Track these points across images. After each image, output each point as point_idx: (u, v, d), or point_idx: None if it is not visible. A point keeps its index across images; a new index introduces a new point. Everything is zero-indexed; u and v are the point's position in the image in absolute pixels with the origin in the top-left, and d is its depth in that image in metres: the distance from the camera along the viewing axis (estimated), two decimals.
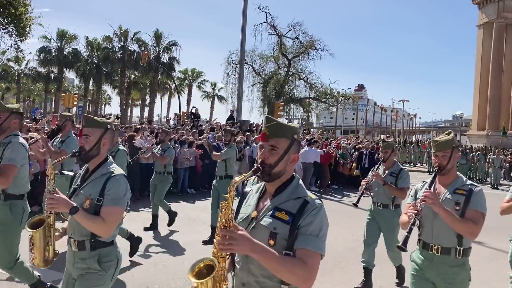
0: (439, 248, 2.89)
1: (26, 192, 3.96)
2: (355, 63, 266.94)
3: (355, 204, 5.11)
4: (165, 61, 42.61)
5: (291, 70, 36.54)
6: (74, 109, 30.91)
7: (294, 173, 1.97)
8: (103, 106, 67.74)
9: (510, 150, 25.55)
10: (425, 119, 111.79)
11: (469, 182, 2.97)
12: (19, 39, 19.80)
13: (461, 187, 2.93)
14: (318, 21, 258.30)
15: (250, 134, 15.46)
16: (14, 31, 19.22)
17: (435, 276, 2.91)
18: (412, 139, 46.30)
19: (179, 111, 30.02)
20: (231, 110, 24.80)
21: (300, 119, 45.13)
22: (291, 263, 1.71)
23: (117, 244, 2.75)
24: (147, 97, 49.13)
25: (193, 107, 24.04)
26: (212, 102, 54.19)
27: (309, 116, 41.97)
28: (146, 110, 49.16)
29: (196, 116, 21.53)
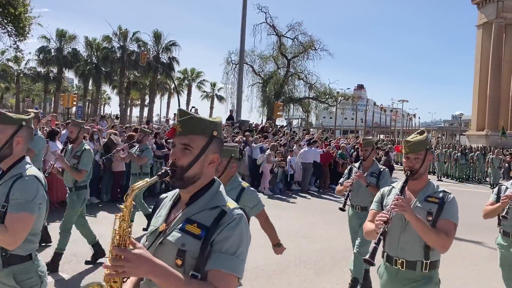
0: (403, 262, 2.59)
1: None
2: (354, 63, 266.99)
3: (342, 209, 4.84)
4: (165, 61, 42.60)
5: (291, 70, 36.56)
6: (74, 109, 30.92)
7: (215, 178, 1.67)
8: (102, 106, 67.74)
9: (509, 150, 25.56)
10: (425, 119, 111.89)
11: (441, 189, 2.68)
12: (18, 39, 19.78)
13: (433, 195, 2.63)
14: (317, 21, 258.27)
15: (249, 134, 15.47)
16: (14, 31, 19.21)
17: None
18: None
19: None
20: (230, 110, 24.81)
21: (299, 119, 45.16)
22: None
23: (39, 259, 2.38)
24: (147, 97, 49.13)
25: (193, 107, 24.16)
26: (212, 102, 54.22)
27: (308, 116, 41.99)
28: (146, 110, 49.14)
29: None
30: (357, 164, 5.12)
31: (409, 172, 2.64)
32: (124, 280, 1.58)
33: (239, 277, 1.48)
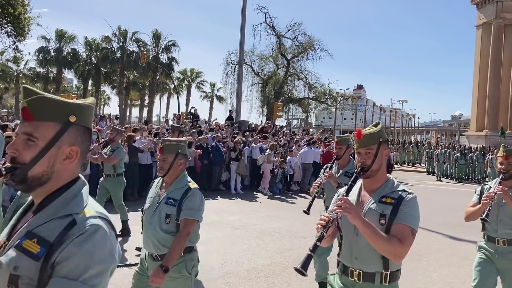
0: (360, 274, 2.25)
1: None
2: (354, 63, 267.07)
3: (306, 212, 4.28)
4: (164, 61, 42.57)
5: (290, 71, 36.55)
6: None
7: (80, 176, 1.31)
8: (102, 106, 67.67)
9: None
10: (424, 119, 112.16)
11: (400, 188, 2.30)
12: (17, 39, 19.75)
13: (389, 195, 2.26)
14: (317, 21, 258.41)
15: (249, 134, 15.48)
16: (13, 32, 19.18)
17: None
18: (411, 139, 46.34)
19: (178, 111, 30.01)
20: (230, 111, 24.81)
21: (299, 119, 45.16)
22: None
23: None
24: (146, 97, 49.10)
25: (192, 107, 24.09)
26: (211, 102, 54.21)
27: (308, 117, 41.98)
28: (145, 110, 49.11)
29: (195, 116, 21.54)
30: (332, 164, 4.69)
31: (359, 169, 2.28)
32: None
33: None
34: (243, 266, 5.79)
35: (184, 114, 25.09)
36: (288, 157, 13.63)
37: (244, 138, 14.08)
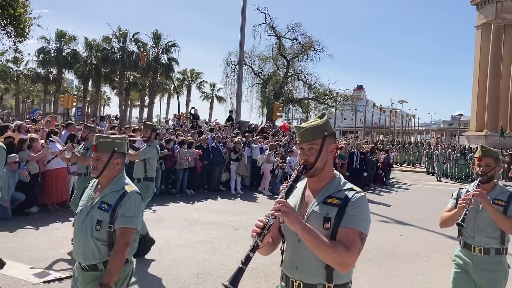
0: (300, 285, 2.02)
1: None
2: (354, 64, 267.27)
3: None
4: (164, 62, 42.60)
5: (290, 71, 36.57)
6: (73, 110, 30.94)
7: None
8: (102, 107, 67.79)
9: (508, 150, 25.60)
10: (424, 120, 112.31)
11: (348, 186, 2.02)
12: (18, 40, 19.78)
13: (334, 195, 1.98)
14: (317, 22, 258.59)
15: (249, 134, 15.49)
16: (13, 32, 19.20)
17: None
18: (411, 139, 46.38)
19: (178, 112, 30.07)
20: (230, 111, 24.81)
21: (299, 120, 45.14)
22: None
23: None
24: (146, 98, 49.16)
25: (192, 107, 24.14)
26: (211, 102, 54.29)
27: (308, 117, 41.95)
28: (145, 110, 49.16)
29: (195, 116, 21.59)
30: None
31: (301, 166, 2.00)
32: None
33: None
34: None
35: (184, 115, 25.12)
36: (288, 158, 13.64)
37: (244, 139, 14.10)
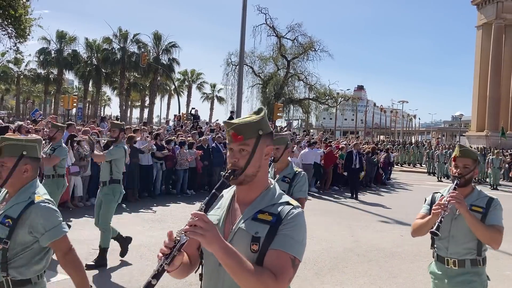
0: None
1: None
2: (354, 64, 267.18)
3: None
4: (165, 63, 42.62)
5: (291, 71, 36.58)
6: (74, 110, 30.96)
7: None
8: (102, 108, 67.82)
9: (509, 150, 25.58)
10: (425, 120, 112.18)
11: (284, 199, 1.61)
12: (18, 40, 19.81)
13: (266, 209, 1.57)
14: (317, 22, 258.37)
15: None
16: (14, 33, 19.24)
17: None
18: (412, 140, 46.37)
19: (179, 112, 30.06)
20: (231, 111, 24.83)
21: (299, 120, 45.16)
22: None
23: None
24: (147, 98, 49.17)
25: (193, 108, 24.16)
26: (212, 103, 54.31)
27: (308, 117, 41.99)
28: (146, 111, 49.18)
29: (196, 117, 21.60)
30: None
31: (229, 171, 1.58)
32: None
33: None
34: None
35: (185, 115, 25.13)
36: (289, 158, 13.63)
37: None
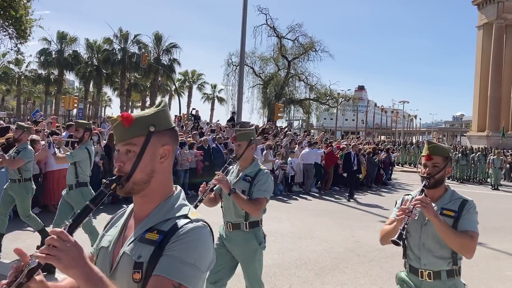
0: None
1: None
2: (355, 64, 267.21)
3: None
4: (165, 63, 42.63)
5: (291, 72, 36.55)
6: (75, 111, 30.96)
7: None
8: (103, 108, 67.88)
9: (510, 150, 25.55)
10: (426, 120, 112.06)
11: (183, 212, 1.34)
12: (19, 41, 19.82)
13: (158, 226, 1.31)
14: (318, 22, 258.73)
15: None
16: (15, 34, 19.25)
17: None
18: (413, 140, 46.34)
19: (179, 113, 30.05)
20: (232, 112, 24.83)
21: (300, 120, 45.16)
22: None
23: None
24: (148, 99, 49.19)
25: (193, 108, 24.14)
26: (212, 104, 54.31)
27: (309, 118, 41.96)
28: None
29: (197, 117, 21.58)
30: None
31: (113, 178, 1.31)
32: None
33: None
34: None
35: (186, 116, 25.12)
36: (289, 158, 13.62)
37: None
